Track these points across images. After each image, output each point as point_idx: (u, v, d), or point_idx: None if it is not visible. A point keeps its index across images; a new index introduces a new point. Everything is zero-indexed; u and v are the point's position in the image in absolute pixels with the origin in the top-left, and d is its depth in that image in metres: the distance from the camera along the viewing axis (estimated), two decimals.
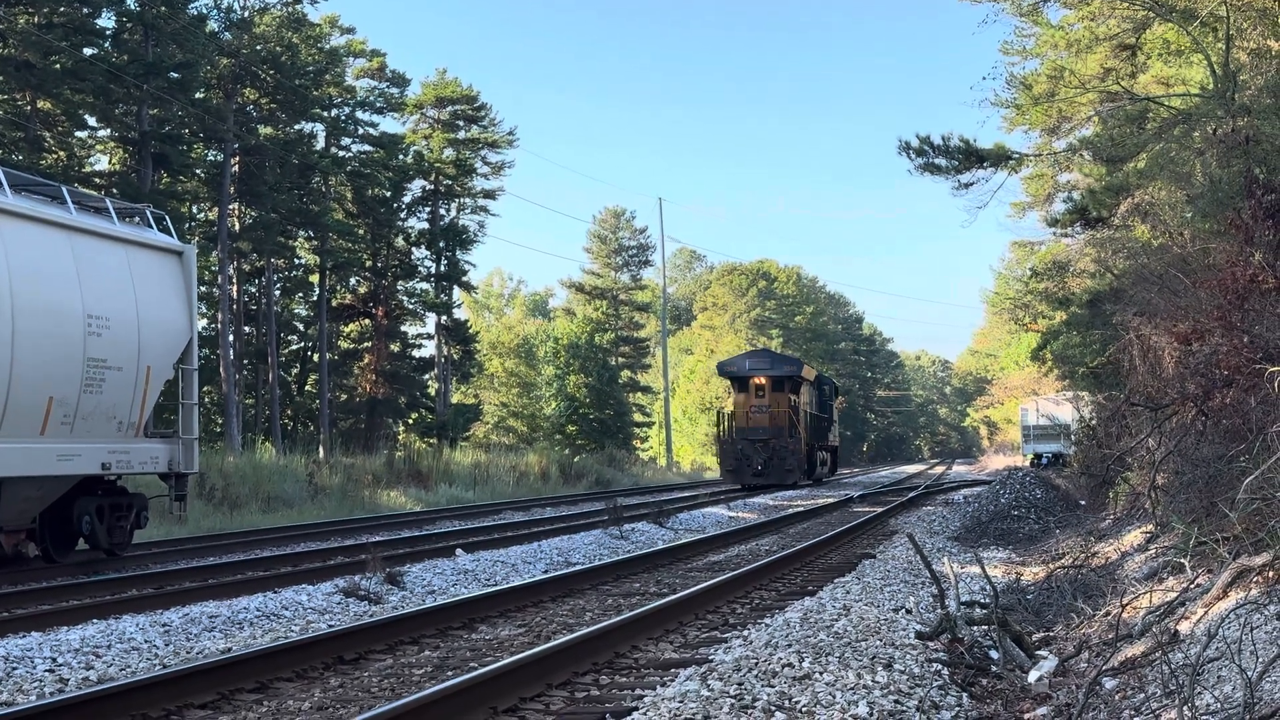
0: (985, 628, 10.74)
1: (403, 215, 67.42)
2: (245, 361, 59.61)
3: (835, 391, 63.92)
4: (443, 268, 68.46)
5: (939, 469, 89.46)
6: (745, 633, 11.58)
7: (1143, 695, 8.14)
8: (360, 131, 63.34)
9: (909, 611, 12.39)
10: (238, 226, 55.49)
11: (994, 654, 10.29)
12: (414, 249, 68.43)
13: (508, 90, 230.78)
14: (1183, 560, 11.37)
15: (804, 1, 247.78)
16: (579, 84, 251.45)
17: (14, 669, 10.43)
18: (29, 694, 9.62)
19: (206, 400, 51.49)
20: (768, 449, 47.30)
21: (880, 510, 31.56)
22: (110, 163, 51.99)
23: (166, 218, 22.02)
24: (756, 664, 9.04)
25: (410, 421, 67.09)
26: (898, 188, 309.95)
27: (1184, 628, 9.43)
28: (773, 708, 7.56)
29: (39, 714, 8.04)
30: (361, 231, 62.80)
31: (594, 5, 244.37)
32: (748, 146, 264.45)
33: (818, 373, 59.59)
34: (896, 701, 7.96)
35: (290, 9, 57.74)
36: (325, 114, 60.57)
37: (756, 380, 49.10)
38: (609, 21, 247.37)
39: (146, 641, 11.79)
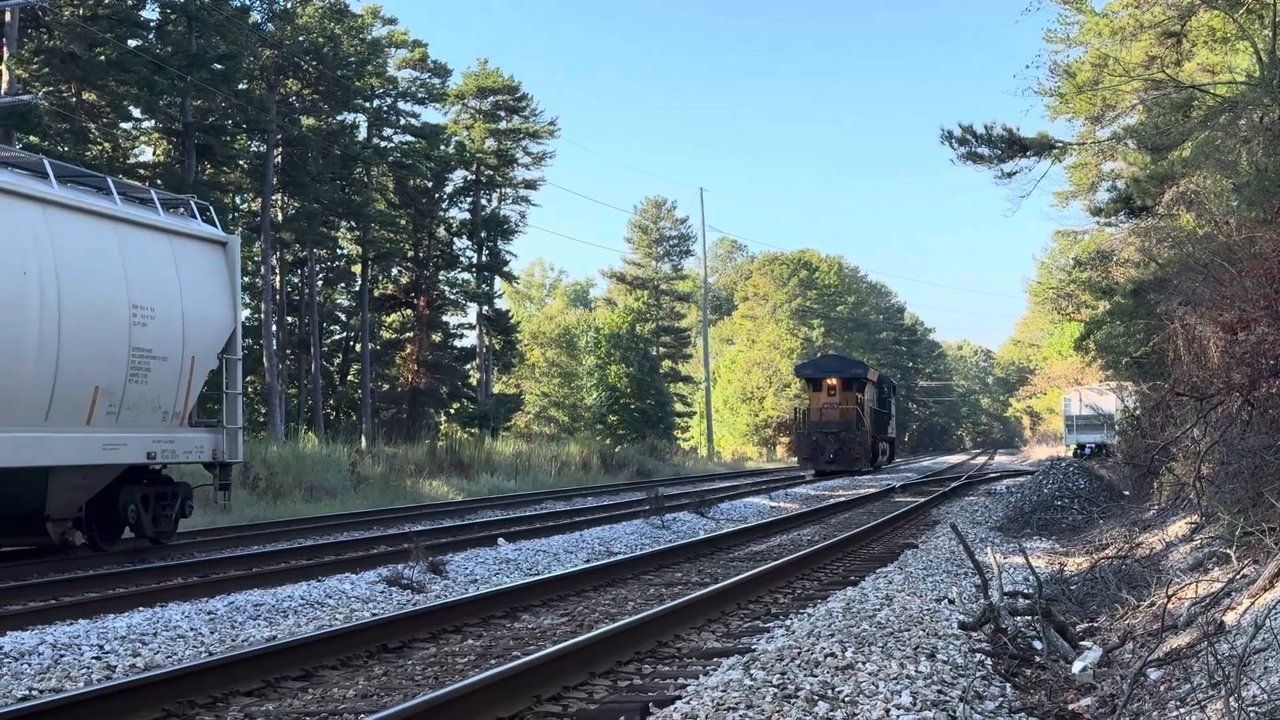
0: (1029, 618, 10.71)
1: (444, 206, 67.68)
2: (288, 351, 59.88)
3: (893, 389, 70.61)
4: (484, 258, 68.61)
5: (981, 459, 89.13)
6: (788, 622, 11.56)
7: (1188, 686, 8.10)
8: (402, 122, 63.66)
9: (952, 602, 12.36)
10: (280, 217, 55.76)
11: (1037, 644, 10.25)
12: (455, 239, 68.59)
13: (549, 79, 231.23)
14: (1228, 551, 11.31)
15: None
16: (619, 73, 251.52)
17: (62, 656, 10.52)
18: (77, 681, 9.70)
19: (250, 390, 51.79)
20: (838, 440, 53.41)
21: (922, 500, 31.44)
22: (155, 154, 52.36)
23: (210, 208, 22.13)
24: (799, 653, 9.03)
25: (452, 411, 67.26)
26: (941, 178, 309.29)
27: (1230, 618, 9.37)
28: (816, 697, 7.56)
29: (88, 700, 8.11)
30: (403, 222, 63.05)
31: None
32: (789, 136, 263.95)
33: (879, 374, 65.84)
34: (940, 691, 7.94)
35: (332, 0, 57.92)
36: (367, 105, 60.78)
37: (829, 381, 55.20)
38: (649, 10, 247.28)
39: (192, 629, 11.87)
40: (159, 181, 42.99)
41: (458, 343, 69.63)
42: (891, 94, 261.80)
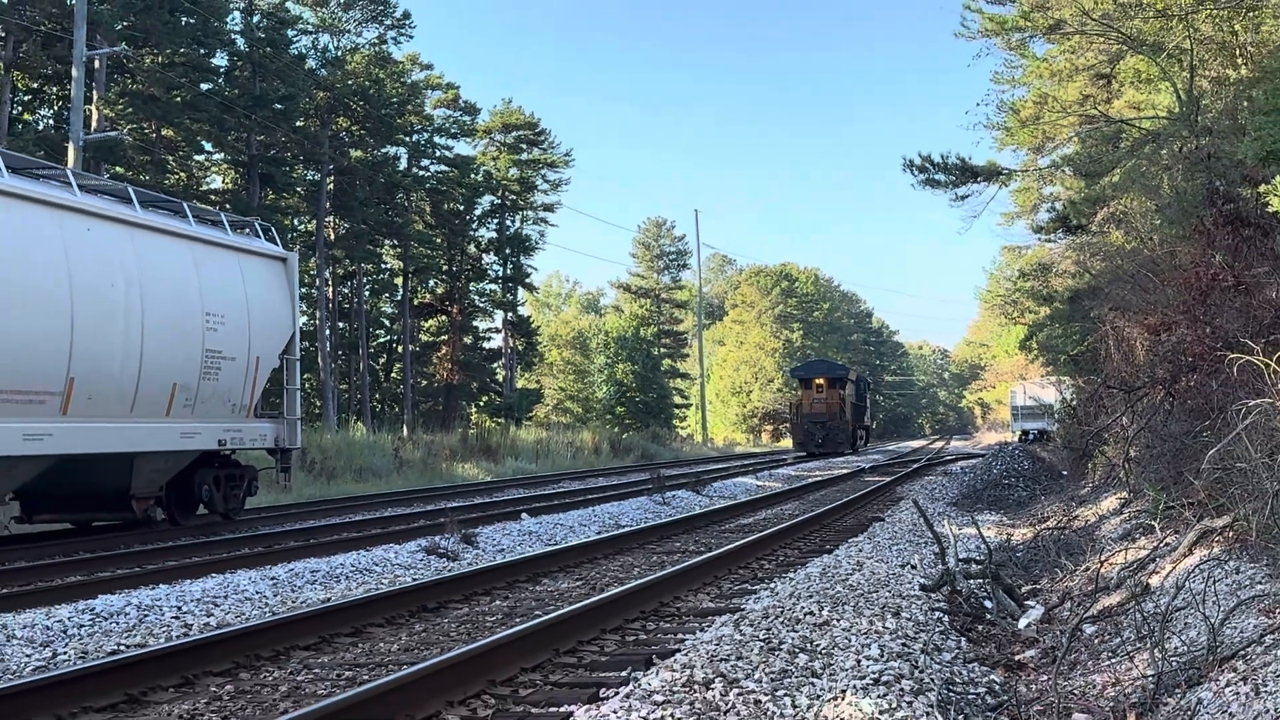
0: (980, 581, 10.71)
1: (474, 226, 67.60)
2: (340, 352, 59.88)
3: (868, 386, 74.93)
4: (509, 271, 68.63)
5: (939, 444, 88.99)
6: (772, 585, 11.56)
7: (1119, 639, 8.11)
8: (437, 154, 63.62)
9: (914, 567, 12.35)
10: (333, 236, 55.75)
11: (988, 604, 10.26)
12: (484, 255, 68.59)
13: (563, 105, 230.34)
14: (1153, 522, 11.31)
15: (830, 34, 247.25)
16: (626, 101, 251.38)
17: (146, 616, 10.54)
18: (158, 637, 9.71)
19: (307, 386, 51.75)
20: (825, 428, 57.74)
21: (888, 479, 31.39)
22: (224, 182, 52.38)
23: (272, 229, 22.16)
24: (782, 612, 9.02)
25: (481, 404, 67.26)
26: (904, 199, 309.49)
27: (1155, 581, 9.38)
28: (797, 650, 7.56)
29: (169, 654, 8.13)
30: (439, 240, 63.08)
31: (641, 33, 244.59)
32: (774, 159, 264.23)
33: (859, 374, 70.54)
34: (904, 644, 7.94)
35: (377, 48, 57.98)
36: (407, 139, 60.74)
37: (818, 381, 59.39)
38: (653, 45, 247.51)
39: (257, 593, 11.88)
40: (227, 206, 43.01)
41: (486, 344, 69.59)
42: (863, 122, 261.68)
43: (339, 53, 56.21)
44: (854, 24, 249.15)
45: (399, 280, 63.55)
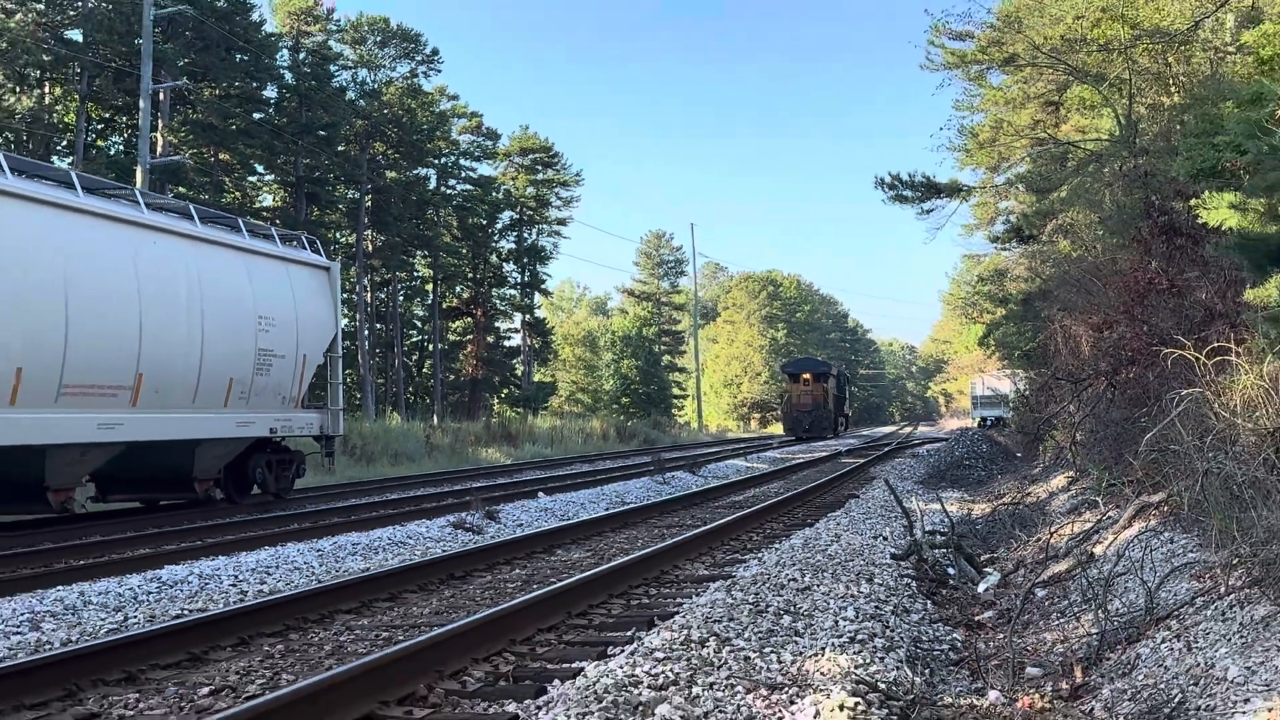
0: (944, 551, 10.71)
1: (495, 238, 67.66)
2: (377, 350, 59.90)
3: (848, 380, 77.83)
4: (526, 278, 68.72)
5: (907, 429, 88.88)
6: (760, 555, 11.54)
7: (1066, 602, 8.11)
8: (463, 174, 63.69)
9: (885, 539, 12.34)
10: (371, 248, 55.77)
11: (951, 571, 10.26)
12: (504, 264, 68.67)
13: (576, 131, 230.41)
14: (1097, 498, 11.30)
15: (814, 68, 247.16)
16: (632, 120, 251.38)
17: (206, 584, 10.56)
18: (218, 603, 9.72)
19: (348, 380, 51.74)
20: (811, 416, 59.85)
21: (862, 461, 31.30)
22: (274, 200, 52.40)
23: (317, 241, 22.15)
24: (769, 579, 9.02)
25: (502, 395, 67.28)
26: (877, 210, 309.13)
27: (1098, 550, 9.38)
28: (782, 612, 7.56)
29: (227, 618, 8.13)
30: (464, 251, 63.12)
31: (643, 59, 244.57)
32: (764, 174, 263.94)
33: (839, 368, 71.97)
34: (876, 606, 7.94)
35: (409, 81, 57.98)
36: (436, 162, 60.83)
37: (804, 375, 61.07)
38: (654, 71, 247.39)
39: (305, 563, 11.89)
40: (277, 221, 43.01)
41: (507, 343, 69.57)
42: (843, 143, 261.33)
43: (375, 85, 56.27)
44: (834, 60, 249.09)
45: (429, 286, 63.57)
